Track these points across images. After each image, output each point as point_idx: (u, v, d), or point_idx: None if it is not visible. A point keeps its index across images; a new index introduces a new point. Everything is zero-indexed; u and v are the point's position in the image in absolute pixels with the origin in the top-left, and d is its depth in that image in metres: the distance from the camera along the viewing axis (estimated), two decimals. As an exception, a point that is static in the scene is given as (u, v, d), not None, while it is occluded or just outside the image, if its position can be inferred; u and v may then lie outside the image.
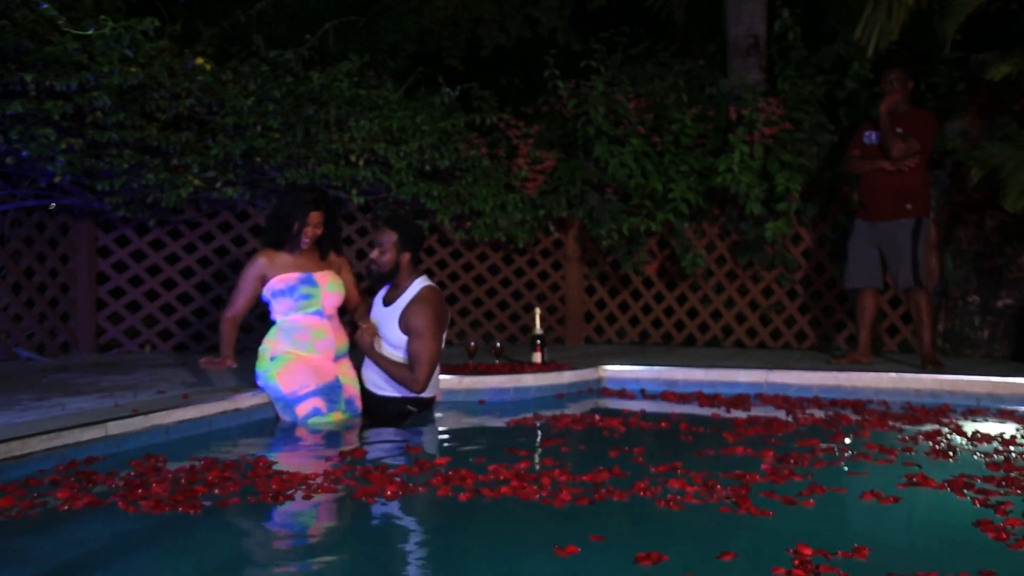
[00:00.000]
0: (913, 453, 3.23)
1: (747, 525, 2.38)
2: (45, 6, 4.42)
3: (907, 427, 3.72)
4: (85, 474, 2.83)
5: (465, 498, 2.62)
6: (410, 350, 3.84)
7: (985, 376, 4.45)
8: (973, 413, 4.11)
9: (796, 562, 2.02)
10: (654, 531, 2.37)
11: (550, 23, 9.43)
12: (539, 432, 3.78)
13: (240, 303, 3.93)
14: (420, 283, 3.92)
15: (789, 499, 2.57)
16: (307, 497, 2.65)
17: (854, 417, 3.94)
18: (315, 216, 3.89)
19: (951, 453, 3.21)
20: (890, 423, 3.80)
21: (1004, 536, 2.24)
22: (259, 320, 5.52)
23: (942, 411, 4.09)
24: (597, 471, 2.86)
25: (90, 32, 4.47)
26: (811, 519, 2.47)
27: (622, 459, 3.11)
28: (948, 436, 3.53)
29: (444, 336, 3.95)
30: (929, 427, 3.73)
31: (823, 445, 3.33)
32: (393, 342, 3.89)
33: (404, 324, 3.84)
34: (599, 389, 4.89)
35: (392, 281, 3.98)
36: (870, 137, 5.14)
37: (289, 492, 2.67)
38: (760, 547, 2.22)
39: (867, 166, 5.08)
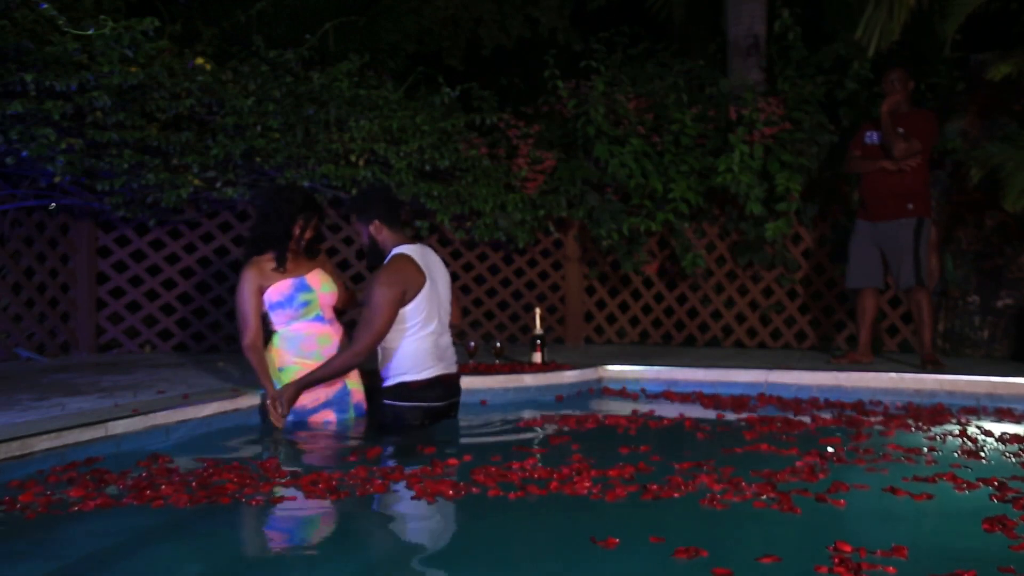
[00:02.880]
0: (940, 453, 3.22)
1: (785, 522, 2.39)
2: (45, 6, 4.42)
3: (934, 428, 3.70)
4: (99, 472, 2.83)
5: (515, 497, 2.63)
6: None
7: (985, 376, 4.45)
8: (973, 413, 4.10)
9: (836, 560, 2.02)
10: (702, 527, 2.38)
11: (550, 23, 9.45)
12: (543, 431, 3.78)
13: (254, 324, 3.74)
14: (392, 252, 3.72)
15: (822, 497, 2.58)
16: (363, 494, 2.67)
17: (872, 419, 3.91)
18: (313, 218, 3.83)
19: (982, 453, 3.21)
20: (910, 422, 3.78)
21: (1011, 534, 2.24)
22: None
23: (948, 411, 4.09)
24: (621, 467, 2.87)
25: (90, 32, 4.47)
26: (847, 517, 2.47)
27: (635, 458, 3.11)
28: (975, 436, 3.52)
29: (414, 304, 3.61)
30: (949, 427, 3.72)
31: (847, 445, 3.32)
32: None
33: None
34: (599, 389, 4.88)
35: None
36: (871, 137, 5.15)
37: (342, 491, 2.67)
38: (799, 545, 2.23)
39: (868, 166, 5.08)
